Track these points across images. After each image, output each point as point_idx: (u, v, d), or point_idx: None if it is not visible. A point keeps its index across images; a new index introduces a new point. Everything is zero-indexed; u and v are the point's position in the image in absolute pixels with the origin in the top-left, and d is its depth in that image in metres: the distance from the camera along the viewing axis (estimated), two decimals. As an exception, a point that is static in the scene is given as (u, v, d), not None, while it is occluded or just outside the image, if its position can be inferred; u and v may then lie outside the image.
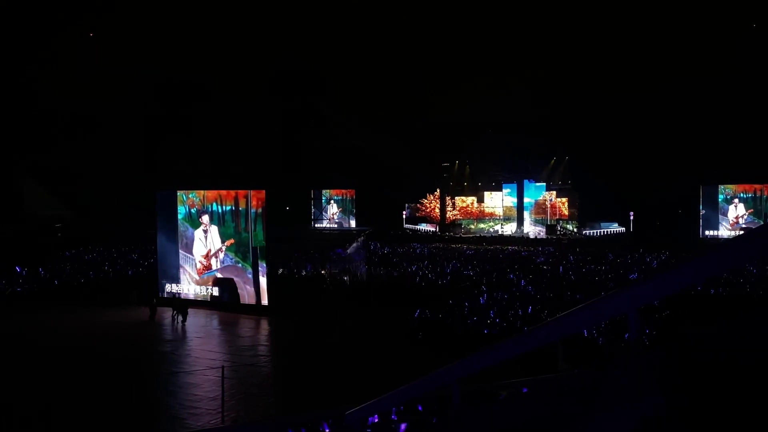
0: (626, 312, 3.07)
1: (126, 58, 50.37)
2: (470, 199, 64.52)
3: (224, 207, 26.16)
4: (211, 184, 29.72)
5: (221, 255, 26.18)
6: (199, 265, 26.71)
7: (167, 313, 24.27)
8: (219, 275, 26.13)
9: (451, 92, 58.24)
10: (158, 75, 52.99)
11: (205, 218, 26.54)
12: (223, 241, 26.05)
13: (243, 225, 25.65)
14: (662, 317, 18.28)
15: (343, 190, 65.69)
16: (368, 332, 21.22)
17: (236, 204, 25.80)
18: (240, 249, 25.66)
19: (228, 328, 23.07)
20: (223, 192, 26.22)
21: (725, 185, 51.86)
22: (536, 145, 58.43)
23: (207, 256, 26.48)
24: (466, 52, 55.75)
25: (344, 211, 65.06)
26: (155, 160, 55.01)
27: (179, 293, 26.58)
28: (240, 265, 25.68)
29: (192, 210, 26.85)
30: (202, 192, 26.65)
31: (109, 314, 24.62)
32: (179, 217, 27.00)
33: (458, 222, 61.13)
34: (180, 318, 23.42)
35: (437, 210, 63.53)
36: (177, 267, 27.05)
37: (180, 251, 26.97)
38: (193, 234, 26.68)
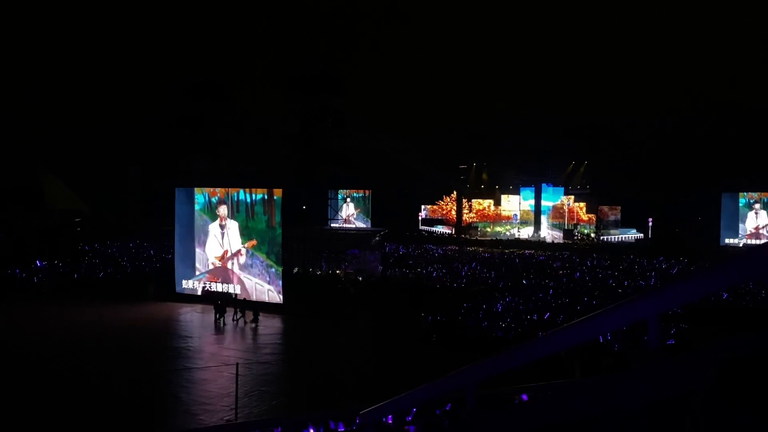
0: (647, 317, 3.02)
1: (147, 56, 50.90)
2: (487, 202, 64.17)
3: (254, 196, 25.82)
4: (229, 182, 29.91)
5: (242, 258, 26.00)
6: (211, 266, 26.70)
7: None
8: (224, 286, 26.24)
9: (470, 93, 58.13)
10: (181, 74, 53.49)
11: (223, 209, 26.14)
12: (243, 241, 25.98)
13: (278, 219, 24.99)
14: (679, 327, 18.05)
15: (360, 190, 65.72)
16: (382, 333, 21.20)
17: (270, 193, 25.18)
18: (273, 249, 25.16)
19: (243, 325, 23.16)
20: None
21: (746, 192, 50.95)
22: (555, 149, 58.05)
23: (223, 258, 26.44)
24: (486, 54, 55.60)
25: (361, 211, 65.11)
26: (175, 157, 55.49)
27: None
28: (273, 269, 25.17)
29: (212, 199, 26.70)
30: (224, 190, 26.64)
31: (125, 308, 24.88)
32: (197, 207, 26.97)
33: (474, 225, 60.89)
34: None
35: (453, 212, 63.31)
36: (193, 264, 27.24)
37: (197, 249, 27.16)
38: (209, 229, 26.75)
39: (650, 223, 55.20)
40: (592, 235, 54.48)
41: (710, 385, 1.97)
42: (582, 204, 58.78)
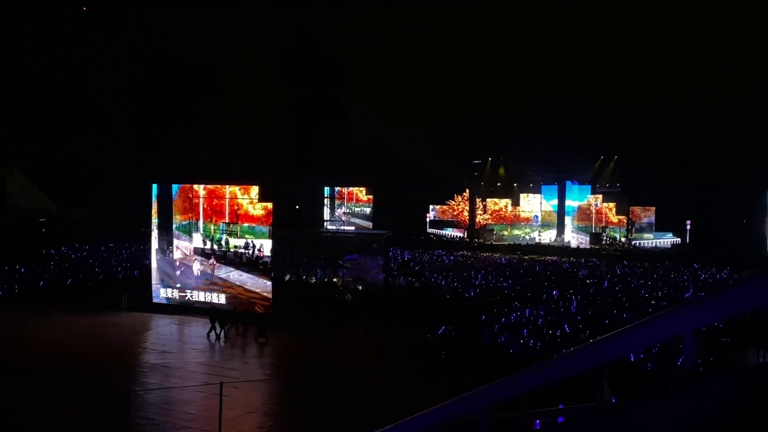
0: (682, 334, 3.02)
1: (120, 39, 51.07)
2: (504, 202, 64.05)
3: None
4: (213, 176, 29.98)
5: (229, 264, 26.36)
6: (198, 273, 26.92)
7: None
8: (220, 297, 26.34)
9: (484, 78, 58.13)
10: (157, 57, 53.58)
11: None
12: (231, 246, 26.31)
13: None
14: (720, 343, 18.03)
15: (361, 189, 65.77)
16: (385, 349, 21.20)
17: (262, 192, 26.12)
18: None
19: (230, 339, 23.18)
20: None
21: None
22: (581, 142, 57.91)
23: (209, 264, 26.74)
24: (502, 32, 55.60)
25: (358, 212, 65.15)
26: (152, 149, 55.60)
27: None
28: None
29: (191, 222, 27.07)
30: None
31: (97, 320, 24.92)
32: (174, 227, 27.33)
33: (489, 227, 60.84)
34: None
35: (466, 213, 63.25)
36: (173, 270, 27.32)
37: (177, 252, 27.24)
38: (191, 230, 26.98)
39: (688, 227, 55.02)
40: (623, 239, 54.37)
41: (738, 409, 1.98)
42: (611, 204, 58.64)
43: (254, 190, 26.10)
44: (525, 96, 56.26)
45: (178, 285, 27.20)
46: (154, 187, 27.97)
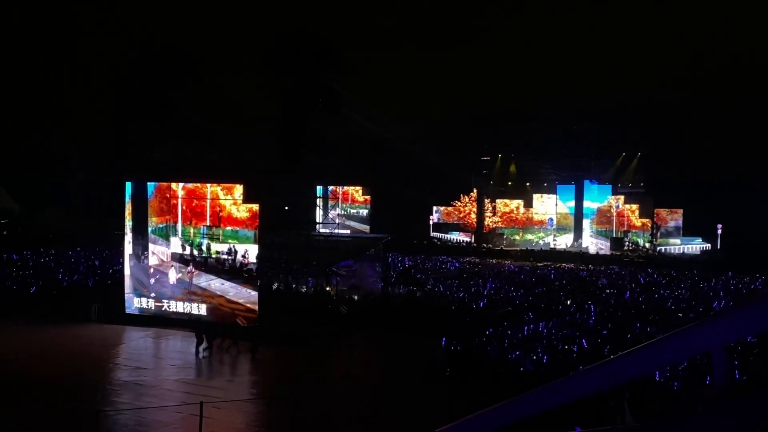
0: (710, 349, 3.03)
1: (90, 21, 51.09)
2: (515, 203, 64.06)
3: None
4: (194, 174, 29.97)
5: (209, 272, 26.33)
6: (173, 282, 26.89)
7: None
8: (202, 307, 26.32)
9: (495, 67, 58.18)
10: (132, 41, 53.65)
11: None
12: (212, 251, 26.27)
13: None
14: (753, 360, 18.03)
15: (357, 188, 65.75)
16: (383, 366, 21.19)
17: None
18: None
19: (213, 354, 23.12)
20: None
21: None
22: (601, 138, 57.94)
23: (187, 271, 26.70)
24: (514, 19, 55.70)
25: (354, 215, 65.14)
26: (126, 143, 55.59)
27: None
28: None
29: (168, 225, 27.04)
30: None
31: (63, 333, 24.89)
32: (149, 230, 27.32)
33: (499, 231, 60.86)
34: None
35: (473, 215, 63.29)
36: (148, 277, 27.29)
37: (153, 258, 27.22)
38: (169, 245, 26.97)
39: (720, 231, 55.06)
40: (647, 245, 54.43)
41: None
42: (634, 206, 58.70)
43: (238, 189, 26.05)
44: (540, 86, 56.33)
45: (153, 294, 27.16)
46: (128, 185, 27.95)
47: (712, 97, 53.29)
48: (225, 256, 25.98)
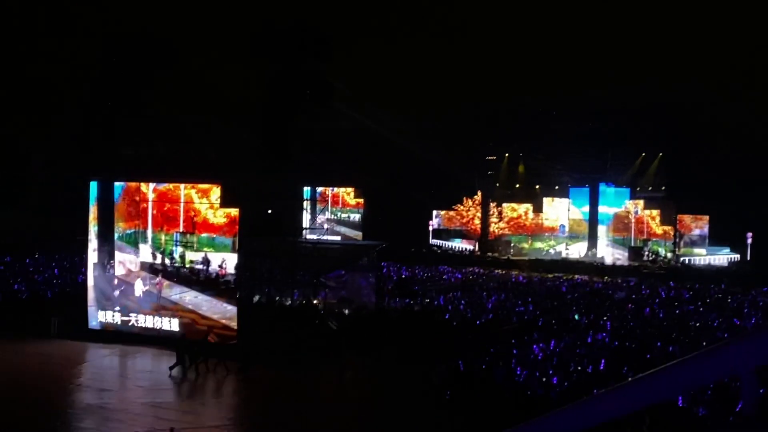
0: (739, 372, 3.04)
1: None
2: (523, 208, 64.18)
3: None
4: (164, 174, 29.90)
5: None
6: (140, 294, 26.83)
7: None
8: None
9: (503, 57, 58.27)
10: (98, 23, 53.57)
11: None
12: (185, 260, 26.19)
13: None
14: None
15: (348, 191, 65.75)
16: (376, 388, 21.17)
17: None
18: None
19: (183, 374, 23.09)
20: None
21: None
22: (619, 136, 58.01)
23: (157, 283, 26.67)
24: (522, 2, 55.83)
25: (344, 219, 65.15)
26: (90, 139, 55.45)
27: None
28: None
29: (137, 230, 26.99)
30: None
31: (19, 349, 24.79)
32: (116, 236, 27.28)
33: (506, 239, 60.97)
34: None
35: (477, 221, 63.37)
36: (112, 289, 27.20)
37: (119, 267, 27.16)
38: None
39: (750, 240, 55.22)
40: (669, 255, 54.59)
41: None
42: (655, 212, 58.85)
43: (215, 192, 25.93)
44: (553, 79, 56.31)
45: (117, 308, 27.06)
46: (93, 185, 27.83)
47: (743, 92, 53.44)
48: (200, 266, 25.93)
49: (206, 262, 25.82)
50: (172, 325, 26.07)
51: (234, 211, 25.76)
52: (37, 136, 54.98)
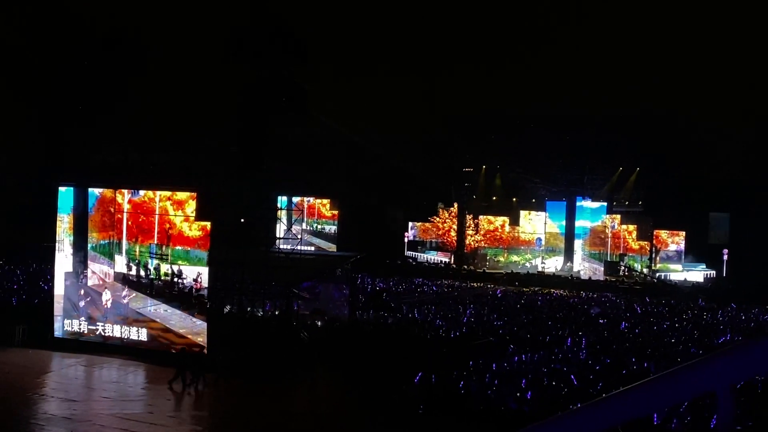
0: (715, 389, 3.05)
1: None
2: (500, 220, 64.49)
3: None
4: (138, 180, 29.74)
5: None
6: (107, 302, 26.57)
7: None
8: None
9: (479, 67, 58.60)
10: (68, 23, 53.17)
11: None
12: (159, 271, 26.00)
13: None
14: (762, 401, 18.25)
15: (324, 203, 65.63)
16: (348, 401, 21.09)
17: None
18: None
19: (152, 386, 22.88)
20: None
21: None
22: (596, 150, 58.41)
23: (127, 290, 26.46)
24: (501, 10, 56.22)
25: (320, 231, 65.01)
26: (59, 144, 54.96)
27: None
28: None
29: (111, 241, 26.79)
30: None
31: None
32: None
33: (482, 251, 61.19)
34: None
35: (453, 233, 63.53)
36: (78, 298, 26.91)
37: (89, 275, 26.91)
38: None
39: (726, 257, 55.82)
40: (645, 270, 55.04)
41: None
42: (631, 227, 59.37)
43: (191, 205, 25.71)
44: (530, 90, 56.69)
45: (83, 318, 26.79)
46: (63, 192, 27.51)
47: (721, 109, 54.06)
48: (175, 279, 25.65)
49: (179, 274, 25.54)
50: (141, 334, 25.82)
51: (210, 225, 25.57)
52: (4, 140, 54.33)
